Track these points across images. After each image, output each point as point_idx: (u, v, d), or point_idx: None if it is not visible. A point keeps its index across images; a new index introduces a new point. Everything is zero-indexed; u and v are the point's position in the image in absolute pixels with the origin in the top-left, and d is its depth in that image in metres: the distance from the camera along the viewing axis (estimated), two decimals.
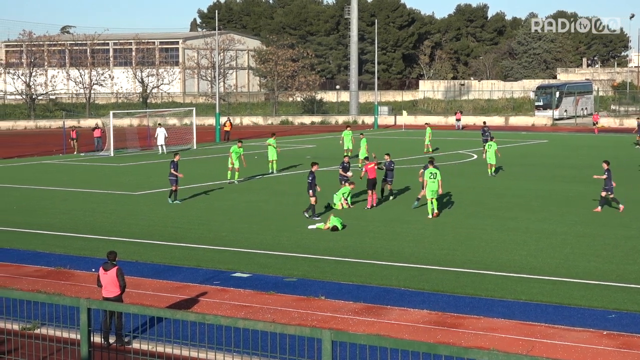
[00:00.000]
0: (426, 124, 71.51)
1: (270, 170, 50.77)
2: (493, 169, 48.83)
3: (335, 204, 36.73)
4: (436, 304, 21.60)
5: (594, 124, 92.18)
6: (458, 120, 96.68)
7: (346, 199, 37.31)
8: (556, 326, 19.67)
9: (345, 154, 52.65)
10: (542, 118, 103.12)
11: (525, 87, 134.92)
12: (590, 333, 19.22)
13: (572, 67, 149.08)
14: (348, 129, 62.43)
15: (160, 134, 65.52)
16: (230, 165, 45.99)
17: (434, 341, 18.12)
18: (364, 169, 38.59)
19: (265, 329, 10.11)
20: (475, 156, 59.97)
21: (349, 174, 39.31)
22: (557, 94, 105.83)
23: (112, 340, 18.46)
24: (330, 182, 40.56)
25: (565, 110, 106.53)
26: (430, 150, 64.43)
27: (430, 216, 34.60)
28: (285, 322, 19.73)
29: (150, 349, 16.39)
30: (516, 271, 25.01)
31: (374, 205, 37.64)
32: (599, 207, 35.90)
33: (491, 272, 24.91)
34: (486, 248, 28.44)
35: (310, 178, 35.10)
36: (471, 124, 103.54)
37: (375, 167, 38.40)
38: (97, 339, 17.78)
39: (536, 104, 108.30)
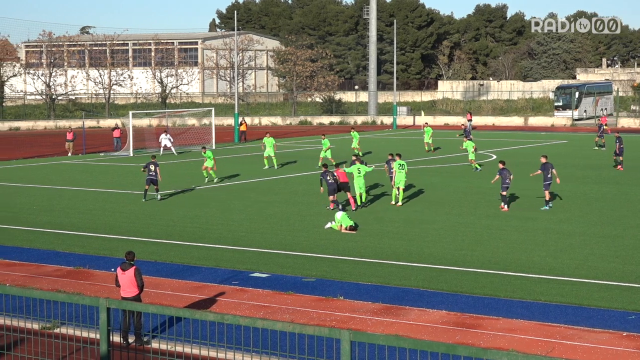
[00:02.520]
0: (425, 123, 71.87)
1: (269, 165, 53.05)
2: (474, 164, 51.74)
3: (335, 224, 32.07)
4: (455, 304, 21.56)
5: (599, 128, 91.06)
6: (469, 120, 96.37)
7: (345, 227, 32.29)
8: (576, 327, 19.61)
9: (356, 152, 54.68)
10: (561, 118, 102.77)
11: (545, 87, 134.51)
12: (610, 334, 19.14)
13: (591, 68, 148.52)
14: (353, 130, 62.92)
15: (164, 141, 65.07)
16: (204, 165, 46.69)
17: (453, 342, 18.08)
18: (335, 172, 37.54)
19: (283, 329, 10.11)
20: (495, 156, 59.82)
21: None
22: (577, 94, 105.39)
23: (131, 339, 18.52)
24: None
25: (585, 111, 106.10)
26: (432, 149, 64.57)
27: (393, 203, 37.97)
28: (303, 322, 19.73)
29: (169, 348, 16.43)
30: (535, 272, 24.93)
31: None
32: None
33: (510, 273, 24.84)
34: (505, 248, 28.36)
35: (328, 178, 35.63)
36: (490, 124, 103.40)
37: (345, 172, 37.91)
38: (116, 338, 17.84)
39: (555, 104, 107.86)
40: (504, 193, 36.49)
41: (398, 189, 38.13)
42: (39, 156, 64.82)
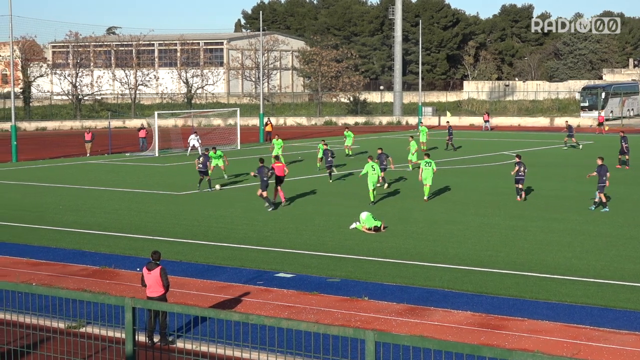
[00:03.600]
0: (421, 123, 72.10)
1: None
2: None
3: (360, 225, 32.18)
4: (480, 305, 21.51)
5: (600, 125, 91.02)
6: (486, 121, 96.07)
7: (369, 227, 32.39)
8: (602, 329, 19.51)
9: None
10: (587, 119, 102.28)
11: (571, 87, 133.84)
12: (636, 336, 19.04)
13: (618, 68, 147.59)
14: (347, 130, 62.90)
15: (193, 142, 65.15)
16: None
17: (478, 343, 18.03)
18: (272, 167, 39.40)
19: (308, 329, 10.11)
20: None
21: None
22: (603, 94, 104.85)
23: (156, 339, 18.58)
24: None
25: (611, 111, 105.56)
26: (424, 148, 63.78)
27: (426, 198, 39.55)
28: (328, 322, 19.74)
29: (194, 348, 16.48)
30: (561, 273, 24.82)
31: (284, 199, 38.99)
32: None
33: (535, 274, 24.75)
34: (530, 249, 28.26)
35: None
36: (516, 125, 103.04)
37: (284, 165, 40.43)
38: (141, 338, 17.90)
39: (582, 104, 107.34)
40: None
41: (425, 185, 39.45)
42: (65, 156, 65.16)
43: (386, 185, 43.75)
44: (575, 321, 20.07)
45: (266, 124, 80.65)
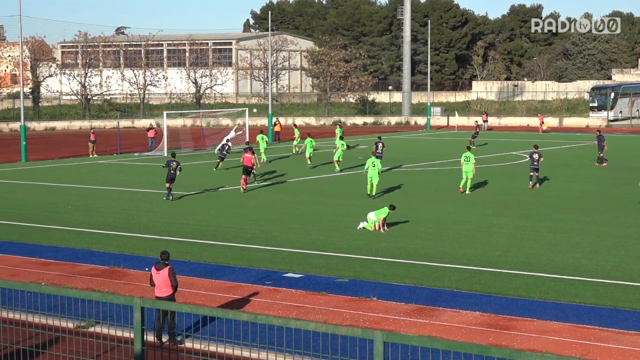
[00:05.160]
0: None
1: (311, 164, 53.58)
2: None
3: (368, 225, 32.14)
4: (488, 305, 21.49)
5: (541, 124, 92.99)
6: (485, 121, 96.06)
7: (383, 224, 32.26)
8: (610, 329, 19.48)
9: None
10: (596, 119, 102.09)
11: (580, 88, 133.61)
12: None
13: (627, 68, 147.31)
14: (338, 127, 62.78)
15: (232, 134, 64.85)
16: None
17: (487, 343, 18.01)
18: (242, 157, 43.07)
19: (317, 329, 10.11)
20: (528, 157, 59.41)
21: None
22: (612, 95, 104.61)
23: (165, 339, 18.60)
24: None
25: (621, 112, 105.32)
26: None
27: (462, 189, 41.81)
28: (337, 322, 19.73)
29: (203, 348, 16.49)
30: (570, 273, 24.78)
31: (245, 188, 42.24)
32: None
33: (544, 274, 24.72)
34: (539, 250, 28.22)
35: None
36: (524, 125, 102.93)
37: (252, 156, 42.89)
38: (150, 337, 17.93)
39: (591, 105, 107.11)
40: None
41: (467, 178, 41.89)
42: (74, 156, 65.27)
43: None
44: (584, 322, 20.04)
45: (275, 124, 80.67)
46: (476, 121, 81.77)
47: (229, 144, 55.96)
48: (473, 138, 70.74)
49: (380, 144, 51.00)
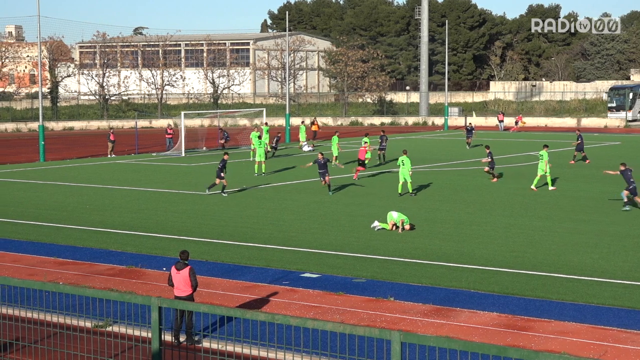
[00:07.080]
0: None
1: (257, 173, 50.88)
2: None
3: (386, 224, 32.07)
4: (506, 306, 21.44)
5: (516, 123, 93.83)
6: (501, 121, 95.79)
7: (403, 225, 31.99)
8: (629, 330, 19.40)
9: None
10: (615, 120, 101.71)
11: (598, 88, 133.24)
12: None
13: None
14: (337, 133, 62.47)
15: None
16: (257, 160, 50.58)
17: (504, 344, 17.97)
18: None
19: (334, 329, 10.12)
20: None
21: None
22: (631, 95, 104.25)
23: (182, 338, 18.63)
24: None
25: (639, 112, 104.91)
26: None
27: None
28: (354, 323, 19.73)
29: (220, 348, 16.52)
30: (588, 274, 24.70)
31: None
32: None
33: (562, 275, 24.64)
34: (557, 250, 28.13)
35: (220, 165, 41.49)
36: (542, 125, 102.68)
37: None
38: (167, 337, 17.97)
39: (609, 105, 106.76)
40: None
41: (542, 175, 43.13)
42: (92, 156, 65.47)
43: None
44: (602, 323, 19.97)
45: (313, 123, 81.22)
46: (470, 123, 79.69)
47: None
48: (468, 138, 69.17)
49: (385, 137, 56.61)
